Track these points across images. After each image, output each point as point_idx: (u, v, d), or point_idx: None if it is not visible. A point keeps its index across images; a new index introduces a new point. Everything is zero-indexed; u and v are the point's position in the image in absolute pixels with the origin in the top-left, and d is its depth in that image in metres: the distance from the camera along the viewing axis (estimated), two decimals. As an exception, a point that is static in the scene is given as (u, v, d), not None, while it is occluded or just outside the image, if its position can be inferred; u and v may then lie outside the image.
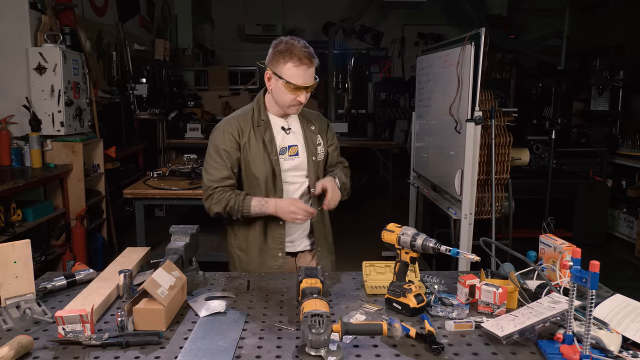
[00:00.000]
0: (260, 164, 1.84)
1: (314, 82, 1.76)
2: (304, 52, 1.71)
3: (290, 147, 1.89)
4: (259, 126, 1.85)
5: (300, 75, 1.71)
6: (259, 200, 1.79)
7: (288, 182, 1.89)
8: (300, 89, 1.74)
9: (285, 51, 1.71)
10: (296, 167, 1.90)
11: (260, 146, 1.84)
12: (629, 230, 5.19)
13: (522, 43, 7.46)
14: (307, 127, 1.92)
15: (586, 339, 1.14)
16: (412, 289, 1.45)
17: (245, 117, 1.87)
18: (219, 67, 8.23)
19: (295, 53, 1.70)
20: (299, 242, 1.98)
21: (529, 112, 5.87)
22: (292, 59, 1.70)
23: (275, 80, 1.77)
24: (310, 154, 1.90)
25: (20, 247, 1.43)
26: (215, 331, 1.34)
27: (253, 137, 1.85)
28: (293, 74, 1.71)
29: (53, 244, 3.82)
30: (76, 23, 4.19)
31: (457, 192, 3.12)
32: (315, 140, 1.93)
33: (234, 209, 1.81)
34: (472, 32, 2.97)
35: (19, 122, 3.74)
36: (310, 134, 1.92)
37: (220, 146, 1.84)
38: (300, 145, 1.90)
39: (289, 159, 1.88)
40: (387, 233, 1.49)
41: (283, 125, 1.89)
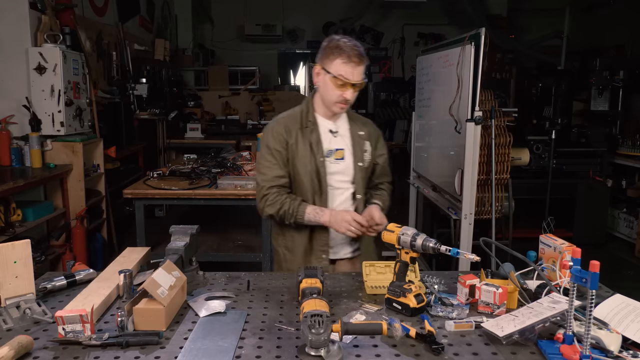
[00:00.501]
0: (306, 165, 1.83)
1: (362, 80, 1.75)
2: (353, 50, 1.71)
3: (337, 151, 1.86)
4: (306, 127, 1.84)
5: (348, 71, 1.71)
6: (314, 209, 1.79)
7: (333, 186, 1.87)
8: (347, 85, 1.73)
9: (335, 47, 1.73)
10: (341, 172, 1.87)
11: (307, 147, 1.83)
12: (629, 230, 5.19)
13: (522, 43, 7.46)
14: (355, 132, 1.89)
15: (586, 339, 1.14)
16: (412, 289, 1.45)
17: (294, 117, 1.87)
18: (219, 67, 8.23)
19: (345, 50, 1.70)
20: (339, 249, 1.95)
21: (529, 112, 5.87)
22: (342, 55, 1.71)
23: (323, 75, 1.77)
24: (357, 159, 1.88)
25: (20, 247, 1.43)
26: (215, 331, 1.34)
27: (300, 137, 1.84)
28: (341, 69, 1.71)
29: (53, 244, 3.82)
30: (76, 23, 4.19)
31: (457, 192, 3.12)
32: (362, 145, 1.90)
33: (287, 213, 1.80)
34: (472, 32, 2.97)
35: (19, 122, 3.74)
36: (358, 139, 1.89)
37: (272, 146, 1.84)
38: (347, 149, 1.88)
39: (334, 162, 1.86)
40: (387, 233, 1.50)
41: (331, 127, 1.87)
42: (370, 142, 1.93)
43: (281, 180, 1.83)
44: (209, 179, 3.43)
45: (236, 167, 3.80)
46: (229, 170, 3.73)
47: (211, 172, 3.61)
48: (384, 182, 2.04)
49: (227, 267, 2.06)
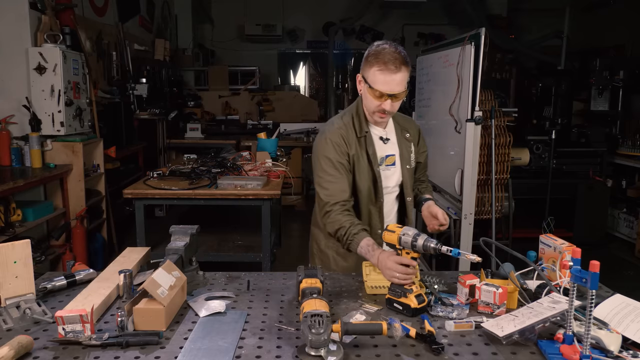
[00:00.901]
0: (366, 175, 1.81)
1: (401, 91, 1.66)
2: (391, 56, 1.62)
3: (388, 157, 1.86)
4: (361, 137, 1.80)
5: (383, 82, 1.63)
6: (367, 245, 1.61)
7: (387, 190, 1.87)
8: (384, 96, 1.66)
9: (373, 54, 1.66)
10: (391, 176, 1.88)
11: (364, 157, 1.80)
12: (629, 230, 5.19)
13: (522, 43, 7.46)
14: (403, 135, 1.88)
15: (586, 339, 1.14)
16: (413, 289, 1.45)
17: (347, 126, 1.81)
18: (219, 67, 8.23)
19: (381, 57, 1.63)
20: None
21: (529, 112, 5.87)
22: (378, 62, 1.63)
23: (363, 84, 1.72)
24: (404, 163, 1.88)
25: (20, 247, 1.43)
26: (215, 331, 1.34)
27: (358, 148, 1.80)
28: (377, 79, 1.64)
29: (53, 244, 3.82)
30: (76, 23, 4.19)
31: (457, 192, 3.12)
32: (409, 148, 1.89)
33: (342, 238, 1.70)
34: (472, 32, 2.97)
35: (19, 122, 3.74)
36: (405, 142, 1.88)
37: (333, 158, 1.76)
38: (397, 154, 1.87)
39: (385, 169, 1.86)
40: (388, 233, 1.50)
41: (381, 135, 1.85)
42: (413, 143, 1.91)
43: (345, 194, 1.75)
44: (209, 179, 3.43)
45: (236, 167, 3.80)
46: (229, 170, 3.73)
47: (211, 172, 3.61)
48: (425, 176, 2.05)
49: (227, 267, 2.06)
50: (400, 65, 1.63)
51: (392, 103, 1.68)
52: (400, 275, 1.45)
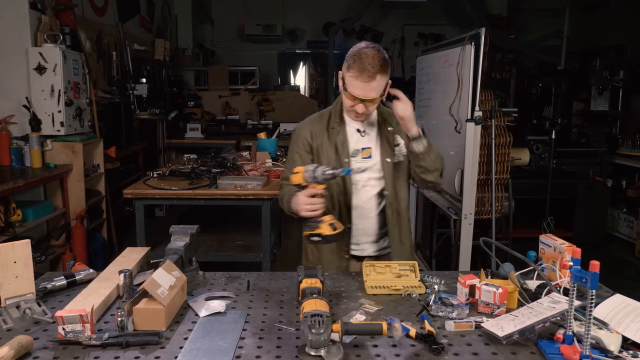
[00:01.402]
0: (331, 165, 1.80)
1: (374, 97, 1.68)
2: (368, 63, 1.63)
3: (364, 149, 1.86)
4: (333, 128, 1.85)
5: (358, 87, 1.66)
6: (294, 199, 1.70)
7: (360, 184, 1.87)
8: (357, 100, 1.69)
9: (352, 58, 1.67)
10: (368, 169, 1.87)
11: (332, 148, 1.84)
12: (629, 230, 5.19)
13: (522, 43, 7.46)
14: (384, 128, 1.87)
15: (586, 339, 1.14)
16: (325, 219, 1.57)
17: (322, 119, 1.89)
18: (219, 67, 8.23)
19: (358, 63, 1.64)
20: (365, 247, 1.94)
21: (529, 112, 5.87)
22: (354, 68, 1.65)
23: (342, 83, 1.75)
24: (385, 155, 1.86)
25: (20, 247, 1.43)
26: (215, 331, 1.34)
27: (326, 139, 1.85)
28: (352, 83, 1.67)
29: (53, 244, 3.82)
30: (76, 23, 4.19)
31: (457, 192, 3.12)
32: (392, 140, 1.87)
33: (283, 201, 1.83)
34: (472, 32, 2.97)
35: (19, 122, 3.74)
36: (386, 135, 1.87)
37: (295, 149, 1.89)
38: (374, 147, 1.87)
39: (361, 161, 1.86)
40: (294, 175, 1.61)
41: (359, 127, 1.86)
42: (400, 135, 1.88)
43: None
44: (209, 179, 3.43)
45: (236, 167, 3.80)
46: (229, 170, 3.73)
47: (211, 172, 3.61)
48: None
49: (227, 267, 2.06)
50: (375, 73, 1.64)
51: (365, 107, 1.71)
52: (308, 206, 1.58)
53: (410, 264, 1.69)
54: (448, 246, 3.48)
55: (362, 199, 1.88)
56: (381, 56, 1.66)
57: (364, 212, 1.89)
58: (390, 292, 1.59)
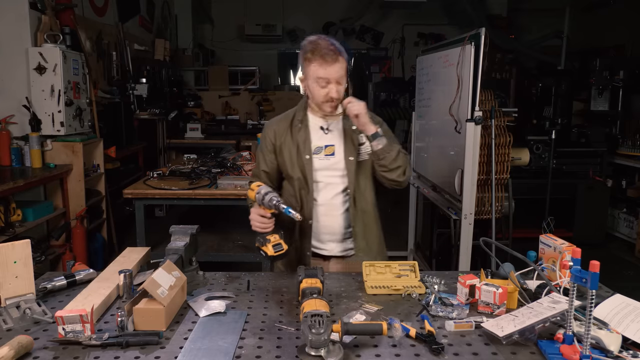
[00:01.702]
0: (293, 164, 1.86)
1: (342, 76, 1.76)
2: (327, 50, 1.71)
3: (327, 147, 1.87)
4: (296, 126, 1.88)
5: (325, 73, 1.73)
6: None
7: (323, 181, 1.87)
8: (330, 83, 1.74)
9: (309, 51, 1.74)
10: (330, 167, 1.87)
11: (294, 147, 1.86)
12: (629, 230, 5.19)
13: (522, 43, 7.47)
14: (349, 126, 1.87)
15: (586, 339, 1.14)
16: (271, 239, 1.67)
17: (286, 119, 1.92)
18: (219, 67, 8.23)
19: (318, 52, 1.72)
20: (331, 247, 1.93)
21: (529, 112, 5.87)
22: (316, 58, 1.72)
23: (306, 80, 1.80)
24: (348, 154, 1.86)
25: (20, 247, 1.43)
26: (215, 331, 1.34)
27: (289, 138, 1.88)
28: (317, 71, 1.73)
29: (53, 244, 3.82)
30: (76, 23, 4.19)
31: (457, 192, 3.12)
32: (356, 139, 1.87)
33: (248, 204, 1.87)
34: (472, 32, 2.97)
35: (19, 122, 3.74)
36: (350, 133, 1.87)
37: (261, 147, 1.96)
38: (338, 145, 1.87)
39: (324, 158, 1.87)
40: (249, 191, 1.71)
41: (322, 125, 1.89)
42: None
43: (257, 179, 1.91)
44: (209, 179, 3.43)
45: (236, 167, 3.80)
46: (229, 170, 3.73)
47: (211, 172, 3.61)
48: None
49: (227, 267, 2.06)
50: (336, 56, 1.72)
51: (337, 89, 1.76)
52: (258, 224, 1.68)
53: (410, 264, 1.69)
54: (448, 246, 3.48)
55: (327, 197, 1.88)
56: (334, 42, 1.76)
57: (329, 209, 1.89)
58: (390, 292, 1.59)
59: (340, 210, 1.89)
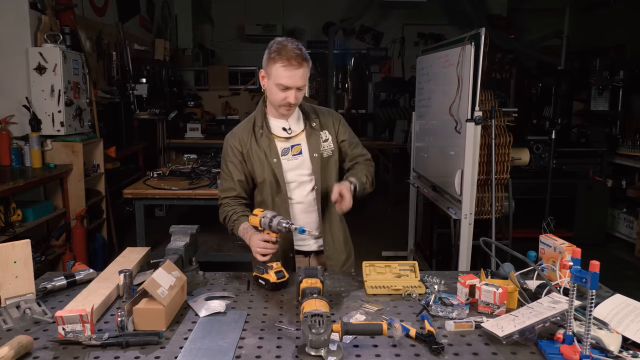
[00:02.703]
0: (263, 169, 1.85)
1: (303, 84, 1.75)
2: (293, 53, 1.70)
3: (293, 147, 1.87)
4: (259, 131, 1.86)
5: (287, 76, 1.71)
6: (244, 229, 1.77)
7: (296, 181, 1.87)
8: (289, 89, 1.74)
9: (275, 51, 1.72)
10: (299, 166, 1.88)
11: (261, 153, 1.85)
12: (629, 230, 5.19)
13: (522, 43, 7.46)
14: (309, 124, 1.90)
15: (586, 339, 1.14)
16: (274, 266, 1.65)
17: (247, 126, 1.90)
18: (219, 67, 8.23)
19: (284, 54, 1.70)
20: (310, 242, 1.96)
21: (529, 112, 5.87)
22: (282, 59, 1.70)
23: (267, 79, 1.80)
24: (312, 151, 1.87)
25: (20, 247, 1.43)
26: (215, 331, 1.34)
27: (255, 144, 1.86)
28: (281, 74, 1.71)
29: (53, 244, 3.82)
30: (76, 23, 4.19)
31: (457, 192, 3.12)
32: (318, 136, 1.89)
33: (228, 225, 1.86)
34: (472, 32, 2.97)
35: (19, 122, 3.74)
36: (312, 131, 1.89)
37: (227, 159, 1.90)
38: (303, 143, 1.88)
39: (292, 158, 1.87)
40: (252, 217, 1.68)
41: (284, 125, 1.88)
42: (328, 130, 1.92)
43: (232, 192, 1.88)
44: (209, 179, 3.43)
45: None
46: (229, 170, 3.72)
47: (211, 172, 3.62)
48: (360, 160, 1.98)
49: (227, 267, 2.06)
50: (302, 61, 1.71)
51: (296, 95, 1.75)
52: (261, 249, 1.63)
53: (410, 264, 1.70)
54: (448, 246, 3.48)
55: (301, 195, 1.89)
56: (301, 47, 1.74)
57: (306, 207, 1.90)
58: (390, 292, 1.60)
59: (315, 207, 1.90)
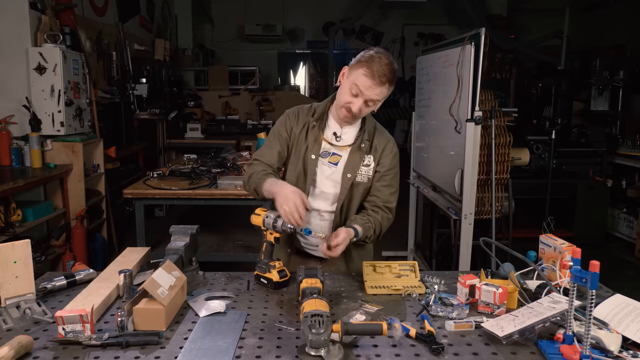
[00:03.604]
0: (299, 158, 1.80)
1: (377, 99, 1.66)
2: (382, 68, 1.61)
3: (333, 155, 1.79)
4: (312, 123, 1.80)
5: (364, 84, 1.63)
6: (275, 180, 1.70)
7: (318, 188, 1.80)
8: (359, 96, 1.65)
9: (368, 58, 1.64)
10: (329, 176, 1.79)
11: (306, 142, 1.79)
12: (629, 230, 5.19)
13: (522, 43, 7.47)
14: (359, 142, 1.78)
15: (586, 339, 1.14)
16: (276, 265, 1.65)
17: (309, 111, 1.84)
18: (219, 67, 8.23)
19: (374, 64, 1.62)
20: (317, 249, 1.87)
21: (529, 112, 5.87)
22: (369, 67, 1.62)
23: (346, 77, 1.71)
24: (347, 170, 1.77)
25: (20, 247, 1.43)
26: (215, 331, 1.34)
27: (304, 131, 1.81)
28: (360, 79, 1.63)
29: (53, 244, 3.82)
30: (76, 23, 4.19)
31: (457, 192, 3.12)
32: (361, 158, 1.78)
33: (252, 179, 1.75)
34: (472, 32, 2.97)
35: (19, 122, 3.74)
36: (358, 150, 1.77)
37: (277, 129, 1.85)
38: (344, 157, 1.78)
39: (326, 164, 1.79)
40: (254, 216, 1.67)
41: (336, 131, 1.79)
42: (374, 156, 1.79)
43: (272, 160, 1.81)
44: (209, 179, 3.43)
45: (236, 167, 3.80)
46: (229, 170, 3.73)
47: (211, 172, 3.62)
48: (378, 209, 1.80)
49: (227, 267, 2.06)
50: (386, 81, 1.63)
51: (362, 106, 1.67)
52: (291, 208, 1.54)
53: (410, 264, 1.70)
54: (448, 246, 3.48)
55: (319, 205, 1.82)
56: (394, 69, 1.65)
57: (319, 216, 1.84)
58: (390, 292, 1.59)
59: (329, 219, 1.84)
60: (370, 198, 1.82)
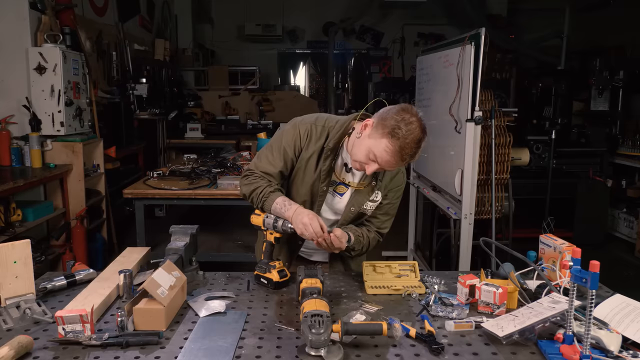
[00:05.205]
0: (307, 184, 1.71)
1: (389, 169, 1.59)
2: (408, 148, 1.48)
3: (339, 185, 1.73)
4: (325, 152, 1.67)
5: (384, 157, 1.51)
6: (284, 200, 1.63)
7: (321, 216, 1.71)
8: (375, 163, 1.54)
9: (398, 132, 1.46)
10: (332, 205, 1.76)
11: (314, 171, 1.69)
12: (629, 230, 5.19)
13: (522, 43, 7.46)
14: (370, 178, 1.70)
15: (586, 339, 1.14)
16: (276, 265, 1.65)
17: (322, 134, 1.69)
18: (219, 67, 8.24)
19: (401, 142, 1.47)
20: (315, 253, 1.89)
21: (529, 112, 5.86)
22: (395, 142, 1.47)
23: (367, 136, 1.54)
24: (352, 203, 1.73)
25: (20, 247, 1.43)
26: (215, 331, 1.34)
27: (315, 157, 1.68)
28: (381, 151, 1.50)
29: (53, 244, 3.82)
30: (76, 23, 4.19)
31: (457, 192, 3.12)
32: (369, 193, 1.72)
33: (257, 196, 1.66)
34: (472, 32, 2.97)
35: (19, 122, 3.74)
36: (367, 186, 1.72)
37: (283, 143, 1.70)
38: (350, 190, 1.73)
39: (331, 192, 1.74)
40: (254, 216, 1.68)
41: (347, 162, 1.69)
42: (381, 192, 1.75)
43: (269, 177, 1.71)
44: (209, 179, 3.43)
45: (236, 167, 3.80)
46: (229, 170, 3.73)
47: (211, 172, 3.62)
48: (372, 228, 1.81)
49: (227, 267, 2.06)
50: (408, 159, 1.51)
51: (377, 169, 1.57)
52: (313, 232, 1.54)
53: (410, 264, 1.69)
54: (448, 246, 3.48)
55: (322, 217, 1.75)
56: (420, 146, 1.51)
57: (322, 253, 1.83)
58: (390, 292, 1.60)
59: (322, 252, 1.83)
60: (366, 222, 1.81)
